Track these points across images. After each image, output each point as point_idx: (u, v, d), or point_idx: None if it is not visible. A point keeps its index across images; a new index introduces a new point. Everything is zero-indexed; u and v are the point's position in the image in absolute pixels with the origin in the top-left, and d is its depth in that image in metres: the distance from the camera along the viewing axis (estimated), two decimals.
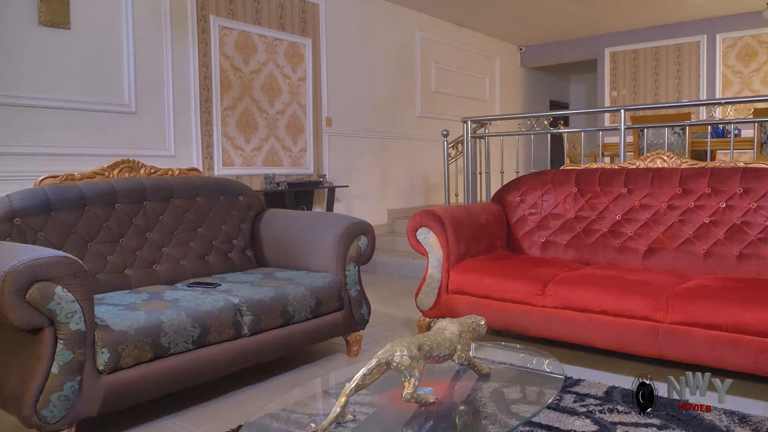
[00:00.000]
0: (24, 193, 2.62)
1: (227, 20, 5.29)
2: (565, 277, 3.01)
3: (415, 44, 7.44)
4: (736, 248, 3.06)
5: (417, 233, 3.38)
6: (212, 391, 2.66)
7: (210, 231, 3.24)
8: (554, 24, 8.35)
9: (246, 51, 5.46)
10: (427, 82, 7.63)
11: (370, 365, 1.71)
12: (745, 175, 3.16)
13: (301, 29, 5.95)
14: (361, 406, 1.81)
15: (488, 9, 7.46)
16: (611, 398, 2.47)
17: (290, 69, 5.85)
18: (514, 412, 1.83)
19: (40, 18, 4.03)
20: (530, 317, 2.98)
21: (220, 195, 3.36)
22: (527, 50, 9.66)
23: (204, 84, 5.11)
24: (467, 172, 5.49)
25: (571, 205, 3.61)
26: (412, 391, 1.71)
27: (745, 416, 2.26)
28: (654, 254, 3.26)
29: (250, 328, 2.60)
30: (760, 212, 3.05)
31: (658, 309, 2.64)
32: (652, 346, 2.65)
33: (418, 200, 7.46)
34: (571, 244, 3.53)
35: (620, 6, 7.50)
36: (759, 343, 2.40)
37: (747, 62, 7.98)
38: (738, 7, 7.65)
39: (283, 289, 2.80)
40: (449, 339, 1.93)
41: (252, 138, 5.54)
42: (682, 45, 8.39)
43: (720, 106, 5.67)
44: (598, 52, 9.09)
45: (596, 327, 2.79)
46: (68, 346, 2.00)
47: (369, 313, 3.21)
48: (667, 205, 3.32)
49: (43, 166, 3.92)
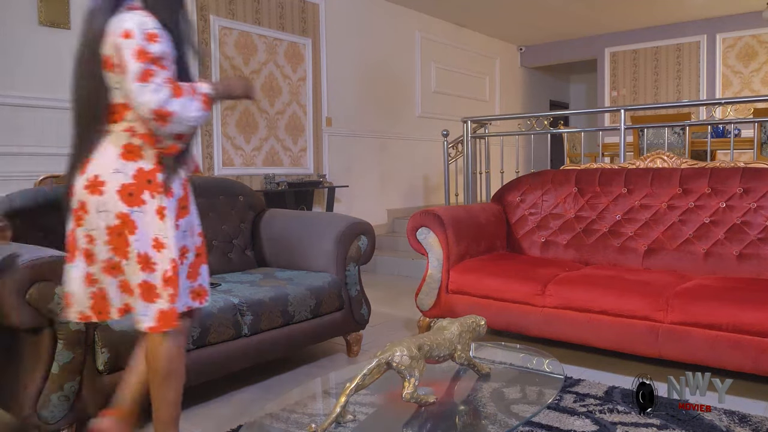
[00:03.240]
0: (24, 192, 2.62)
1: (227, 20, 5.29)
2: (565, 277, 3.01)
3: (415, 44, 7.44)
4: (736, 248, 3.06)
5: (417, 233, 3.38)
6: (212, 391, 2.66)
7: (210, 231, 3.23)
8: (554, 24, 8.35)
9: (246, 51, 5.46)
10: (427, 82, 7.63)
11: (371, 365, 1.71)
12: (745, 175, 3.16)
13: (301, 29, 5.96)
14: (361, 406, 1.81)
15: (488, 9, 7.46)
16: (611, 398, 2.47)
17: (290, 69, 5.85)
18: (514, 412, 1.83)
19: (40, 18, 4.03)
20: (530, 317, 2.98)
21: (219, 195, 3.36)
22: (527, 50, 9.66)
23: None
24: (467, 172, 5.49)
25: (571, 205, 3.61)
26: (412, 391, 1.71)
27: (745, 416, 2.26)
28: (654, 254, 3.26)
29: (250, 328, 2.60)
30: (760, 212, 3.05)
31: (658, 309, 2.64)
32: (652, 346, 2.65)
33: (418, 200, 7.46)
34: (571, 244, 3.53)
35: (620, 6, 7.50)
36: (759, 344, 2.40)
37: (747, 62, 7.98)
38: (738, 7, 7.64)
39: (283, 289, 2.80)
40: (449, 339, 1.93)
41: (252, 138, 5.54)
42: (682, 45, 8.39)
43: (720, 106, 5.66)
44: (598, 52, 9.08)
45: (596, 327, 2.79)
46: (68, 346, 2.00)
47: (369, 313, 3.21)
48: (667, 205, 3.32)
49: (43, 166, 3.92)
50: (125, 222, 1.67)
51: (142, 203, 1.68)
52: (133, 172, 1.69)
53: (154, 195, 1.69)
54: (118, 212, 1.67)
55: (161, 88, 1.62)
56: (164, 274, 1.69)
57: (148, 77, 1.61)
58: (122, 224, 1.67)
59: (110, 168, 1.69)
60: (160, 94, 1.61)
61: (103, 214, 1.68)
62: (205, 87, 1.74)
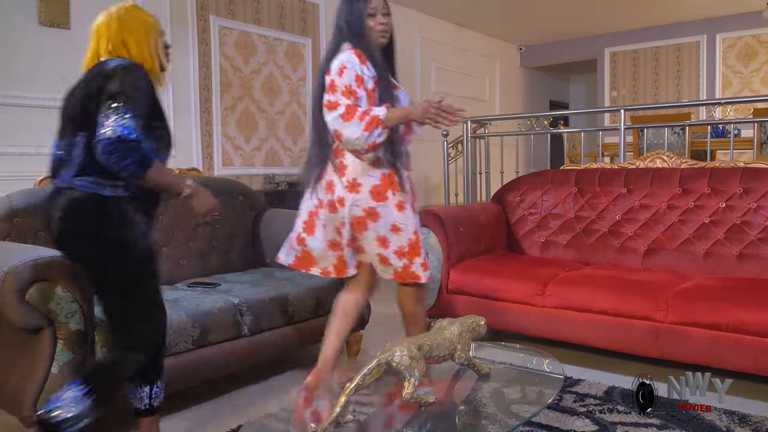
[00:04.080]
0: (24, 192, 2.62)
1: (227, 20, 5.29)
2: (565, 277, 3.01)
3: (414, 44, 7.44)
4: (736, 248, 3.06)
5: None
6: (212, 391, 2.66)
7: (210, 231, 3.23)
8: (554, 24, 8.35)
9: (246, 51, 5.46)
10: (427, 82, 7.63)
11: (370, 365, 1.70)
12: (745, 175, 3.16)
13: (301, 29, 5.96)
14: (361, 406, 1.81)
15: (488, 9, 7.46)
16: (611, 398, 2.47)
17: (290, 69, 5.85)
18: (514, 412, 1.83)
19: (40, 18, 4.03)
20: (530, 317, 2.98)
21: (219, 195, 3.33)
22: (527, 50, 9.66)
23: (204, 84, 5.11)
24: (467, 173, 5.48)
25: (570, 205, 3.61)
26: (412, 391, 1.71)
27: (745, 416, 2.26)
28: (654, 254, 3.26)
29: (250, 328, 2.60)
30: (759, 212, 3.05)
31: (658, 309, 2.64)
32: (652, 346, 2.66)
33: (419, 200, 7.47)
34: (571, 244, 3.53)
35: (620, 6, 7.50)
36: (759, 343, 2.40)
37: (747, 62, 7.98)
38: (738, 7, 7.64)
39: (283, 289, 2.80)
40: (449, 339, 1.93)
41: (252, 138, 5.54)
42: (682, 45, 8.39)
43: (720, 106, 5.66)
44: (598, 52, 9.09)
45: (596, 327, 2.79)
46: (68, 346, 1.99)
47: (369, 313, 3.21)
48: (666, 205, 3.32)
49: (43, 166, 3.90)
50: (371, 213, 2.21)
51: (385, 199, 2.22)
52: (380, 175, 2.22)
53: (395, 192, 2.23)
54: (367, 207, 2.21)
55: (335, 113, 2.12)
56: (399, 249, 2.25)
57: (331, 107, 2.15)
58: (367, 215, 2.21)
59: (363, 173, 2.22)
60: (333, 119, 2.13)
61: (356, 208, 2.21)
62: (380, 111, 2.12)
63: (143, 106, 1.81)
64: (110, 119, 1.72)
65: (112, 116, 1.72)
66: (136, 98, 1.78)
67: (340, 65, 2.15)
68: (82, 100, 1.84)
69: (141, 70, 1.86)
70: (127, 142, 1.71)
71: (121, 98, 1.75)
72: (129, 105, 1.75)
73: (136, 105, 1.77)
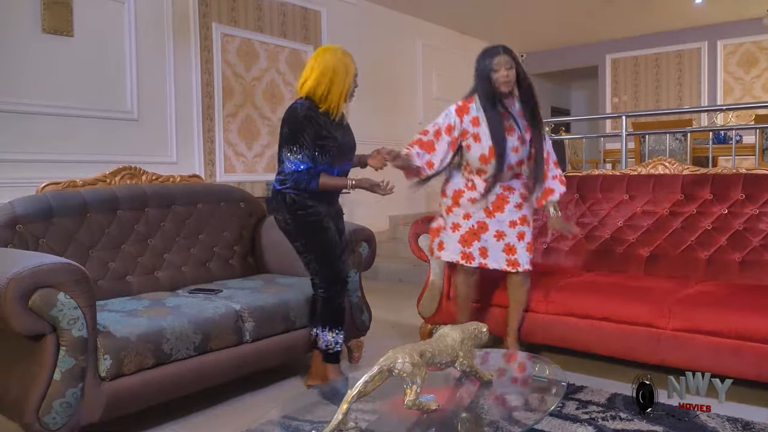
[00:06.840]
0: (26, 199, 2.62)
1: (229, 27, 5.31)
2: (567, 283, 3.01)
3: (416, 51, 7.46)
4: (738, 255, 3.05)
5: (419, 240, 3.38)
6: (214, 398, 2.65)
7: (211, 237, 3.24)
8: (555, 31, 8.37)
9: (248, 58, 5.48)
10: (428, 88, 7.65)
11: (372, 372, 1.70)
12: (747, 181, 3.16)
13: (302, 36, 5.98)
14: (363, 413, 1.81)
15: (490, 16, 7.48)
16: (614, 405, 2.46)
17: (292, 76, 5.86)
18: (516, 420, 1.83)
19: (43, 25, 4.04)
20: (532, 324, 2.97)
21: (221, 201, 3.36)
22: (529, 57, 9.67)
23: (206, 91, 5.12)
24: None
25: (572, 212, 3.61)
26: (414, 398, 1.71)
27: (748, 423, 2.25)
28: (656, 261, 3.26)
29: (251, 334, 2.60)
30: (762, 218, 3.05)
31: (661, 315, 2.63)
32: (654, 353, 2.65)
33: (420, 206, 7.45)
34: (573, 251, 3.52)
35: (621, 13, 7.52)
36: (762, 350, 2.40)
37: (748, 69, 7.99)
38: (739, 14, 7.66)
39: (284, 296, 2.80)
40: (451, 346, 1.93)
41: (254, 144, 5.55)
42: (683, 51, 8.41)
43: (721, 113, 5.67)
44: (600, 59, 9.10)
45: (598, 334, 2.79)
46: (70, 352, 2.00)
47: (370, 320, 3.21)
48: (668, 212, 3.32)
49: (45, 172, 3.93)
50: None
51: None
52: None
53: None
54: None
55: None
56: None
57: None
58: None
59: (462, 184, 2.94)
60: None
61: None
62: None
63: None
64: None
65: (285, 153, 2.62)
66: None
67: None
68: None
69: (296, 107, 2.69)
70: (299, 173, 2.55)
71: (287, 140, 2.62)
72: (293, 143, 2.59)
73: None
